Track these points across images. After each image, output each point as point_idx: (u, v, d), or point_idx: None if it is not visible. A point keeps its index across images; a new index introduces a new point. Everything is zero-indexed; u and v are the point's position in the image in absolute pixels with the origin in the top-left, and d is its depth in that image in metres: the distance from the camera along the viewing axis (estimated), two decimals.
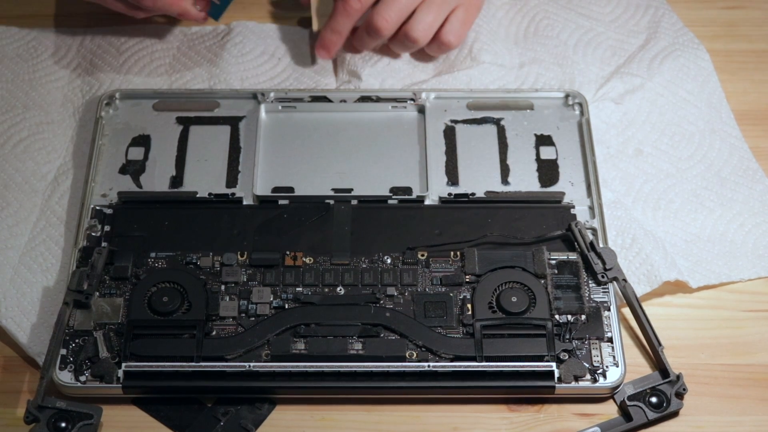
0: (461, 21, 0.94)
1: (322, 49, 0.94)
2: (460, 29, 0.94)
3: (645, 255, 0.83)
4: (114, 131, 0.90)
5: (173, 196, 0.86)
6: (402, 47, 0.95)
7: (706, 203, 0.88)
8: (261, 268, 0.82)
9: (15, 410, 0.77)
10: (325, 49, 0.94)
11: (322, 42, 0.94)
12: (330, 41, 0.94)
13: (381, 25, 0.91)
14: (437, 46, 0.95)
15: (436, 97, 0.93)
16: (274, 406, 0.78)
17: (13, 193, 0.88)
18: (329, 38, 0.93)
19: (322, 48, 0.94)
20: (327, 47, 0.94)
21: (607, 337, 0.79)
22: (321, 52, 0.94)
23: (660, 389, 0.77)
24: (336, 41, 0.94)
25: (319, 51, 0.94)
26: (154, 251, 0.82)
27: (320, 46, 0.94)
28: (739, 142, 0.92)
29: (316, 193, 0.86)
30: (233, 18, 1.01)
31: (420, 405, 0.78)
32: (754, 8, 1.03)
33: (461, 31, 0.94)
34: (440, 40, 0.94)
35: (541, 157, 0.89)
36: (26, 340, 0.80)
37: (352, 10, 0.92)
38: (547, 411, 0.78)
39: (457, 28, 0.94)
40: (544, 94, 0.93)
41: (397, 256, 0.82)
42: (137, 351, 0.77)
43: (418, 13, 0.92)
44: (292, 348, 0.78)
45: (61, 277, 0.83)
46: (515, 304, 0.79)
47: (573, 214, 0.85)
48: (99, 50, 0.97)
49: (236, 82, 0.95)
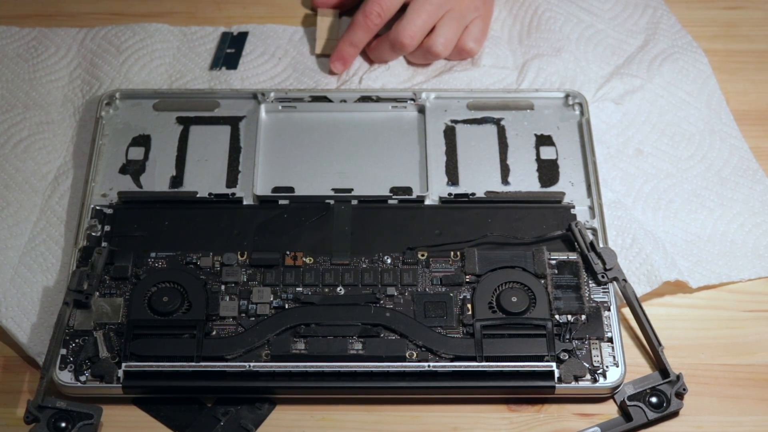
0: (480, 29, 0.96)
1: (338, 61, 0.95)
2: (480, 36, 0.96)
3: (645, 255, 0.83)
4: (114, 131, 0.90)
5: (173, 196, 0.86)
6: (423, 59, 0.96)
7: (706, 203, 0.88)
8: (261, 268, 0.82)
9: (15, 410, 0.77)
10: (341, 61, 0.95)
11: (340, 54, 0.95)
12: (347, 53, 0.95)
13: (406, 41, 0.92)
14: (457, 53, 0.96)
15: (436, 97, 0.93)
16: (274, 406, 0.78)
17: (13, 193, 0.88)
18: (347, 51, 0.95)
19: (339, 60, 0.95)
20: (344, 59, 0.95)
21: (607, 337, 0.79)
22: (337, 65, 0.95)
23: (660, 389, 0.77)
24: (353, 54, 0.95)
25: (335, 63, 0.95)
26: (154, 251, 0.82)
27: (336, 59, 0.95)
28: (739, 143, 0.92)
29: (316, 193, 0.86)
30: (233, 18, 1.01)
31: (420, 405, 0.78)
32: (754, 8, 1.03)
33: (481, 37, 0.96)
34: (461, 48, 0.95)
35: (541, 157, 0.89)
36: (26, 340, 0.80)
37: (373, 25, 0.93)
38: (547, 411, 0.78)
39: (478, 36, 0.95)
40: (544, 94, 0.93)
41: (397, 256, 0.82)
42: (137, 351, 0.77)
43: (439, 28, 0.94)
44: (292, 348, 0.78)
45: (61, 277, 0.83)
46: (515, 304, 0.79)
47: (573, 214, 0.85)
48: (99, 50, 0.97)
49: (236, 82, 0.95)
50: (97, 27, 0.99)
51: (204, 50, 0.98)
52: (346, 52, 0.95)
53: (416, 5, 0.93)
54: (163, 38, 0.98)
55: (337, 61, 0.95)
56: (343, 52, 0.95)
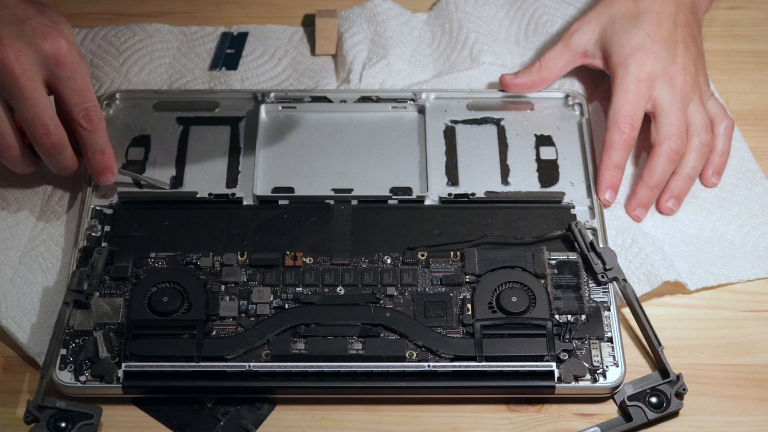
0: (714, 99, 0.92)
1: (609, 189, 0.86)
2: (719, 103, 0.92)
3: (645, 255, 0.83)
4: (114, 131, 0.90)
5: (173, 196, 0.86)
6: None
7: (705, 204, 0.88)
8: (261, 268, 0.82)
9: (15, 410, 0.77)
10: (612, 189, 0.86)
11: (611, 182, 0.86)
12: (616, 178, 0.86)
13: (679, 145, 0.86)
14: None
15: (436, 98, 0.93)
16: (274, 406, 0.78)
17: (13, 193, 0.88)
18: (613, 175, 0.86)
19: (610, 188, 0.86)
20: (614, 186, 0.86)
21: (607, 337, 0.79)
22: (611, 194, 0.86)
23: (660, 389, 0.77)
24: (620, 176, 0.86)
25: (606, 191, 0.86)
26: (154, 251, 0.82)
27: (607, 187, 0.86)
28: (739, 143, 0.92)
29: (316, 193, 0.86)
30: (233, 18, 1.01)
31: (420, 405, 0.78)
32: (754, 8, 1.03)
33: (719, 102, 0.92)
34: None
35: (541, 157, 0.89)
36: (26, 340, 0.80)
37: (630, 139, 0.86)
38: (547, 411, 0.78)
39: (719, 105, 0.91)
40: (544, 94, 0.93)
41: (397, 256, 0.82)
42: (137, 351, 0.77)
43: (691, 117, 0.88)
44: (292, 348, 0.78)
45: (61, 277, 0.83)
46: (515, 304, 0.79)
47: (573, 214, 0.85)
48: (99, 50, 0.97)
49: (236, 82, 0.95)
50: (97, 27, 0.99)
51: (204, 50, 0.98)
52: (614, 177, 0.86)
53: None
54: (163, 38, 0.98)
55: (609, 189, 0.86)
56: (613, 178, 0.86)
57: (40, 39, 0.79)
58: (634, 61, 0.87)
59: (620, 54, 0.88)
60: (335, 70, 0.97)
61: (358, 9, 0.99)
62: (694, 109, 0.88)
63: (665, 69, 0.88)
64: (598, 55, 0.91)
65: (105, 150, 0.83)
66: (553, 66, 0.91)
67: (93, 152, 0.83)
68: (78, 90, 0.81)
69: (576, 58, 0.92)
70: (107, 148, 0.84)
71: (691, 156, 0.87)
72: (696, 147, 0.87)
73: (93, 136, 0.82)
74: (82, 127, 0.82)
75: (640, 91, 0.87)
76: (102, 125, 0.83)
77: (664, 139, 0.86)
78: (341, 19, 0.99)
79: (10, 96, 0.79)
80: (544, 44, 0.98)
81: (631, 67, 0.87)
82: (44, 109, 0.80)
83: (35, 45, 0.79)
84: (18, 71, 0.78)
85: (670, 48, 0.88)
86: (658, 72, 0.87)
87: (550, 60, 0.91)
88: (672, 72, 0.88)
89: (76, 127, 0.82)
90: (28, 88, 0.79)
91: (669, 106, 0.87)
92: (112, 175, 0.85)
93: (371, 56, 0.96)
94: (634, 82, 0.87)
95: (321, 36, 0.98)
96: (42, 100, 0.79)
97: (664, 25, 0.89)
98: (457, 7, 1.00)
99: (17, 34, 0.79)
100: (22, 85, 0.79)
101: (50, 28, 0.80)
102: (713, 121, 0.90)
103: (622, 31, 0.89)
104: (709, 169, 0.89)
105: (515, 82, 0.92)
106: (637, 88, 0.87)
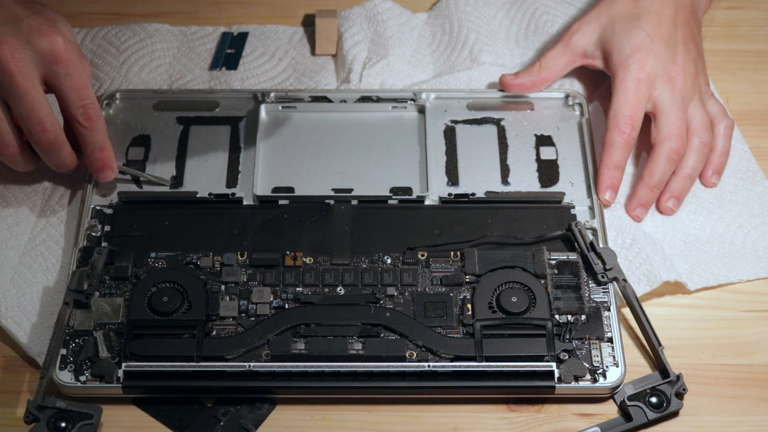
0: (714, 99, 0.91)
1: (609, 189, 0.86)
2: (719, 103, 0.91)
3: (645, 255, 0.83)
4: (114, 131, 0.90)
5: (173, 196, 0.86)
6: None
7: (705, 204, 0.88)
8: (261, 268, 0.82)
9: (15, 410, 0.77)
10: (612, 189, 0.86)
11: (611, 182, 0.86)
12: (616, 178, 0.86)
13: (680, 145, 0.86)
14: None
15: (436, 98, 0.93)
16: (274, 406, 0.78)
17: (13, 193, 0.88)
18: (613, 175, 0.86)
19: (610, 188, 0.86)
20: (614, 186, 0.86)
21: (607, 337, 0.79)
22: (611, 194, 0.86)
23: (660, 389, 0.77)
24: (620, 176, 0.86)
25: (606, 192, 0.86)
26: (154, 251, 0.82)
27: (607, 187, 0.86)
28: (739, 143, 0.92)
29: (316, 193, 0.86)
30: (233, 18, 1.01)
31: (420, 405, 0.78)
32: (754, 8, 1.03)
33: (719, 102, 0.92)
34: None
35: (541, 157, 0.89)
36: (26, 340, 0.80)
37: (631, 139, 0.86)
38: (547, 411, 0.78)
39: (718, 105, 0.91)
40: (544, 94, 0.93)
41: (397, 256, 0.82)
42: (137, 351, 0.77)
43: (691, 117, 0.88)
44: (292, 348, 0.78)
45: (61, 277, 0.83)
46: (515, 304, 0.79)
47: (573, 214, 0.85)
48: (99, 50, 0.97)
49: (236, 82, 0.95)
50: (97, 27, 0.99)
51: (204, 50, 0.98)
52: (614, 177, 0.86)
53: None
54: (163, 38, 0.98)
55: (609, 190, 0.86)
56: (613, 178, 0.86)
57: (37, 36, 0.80)
58: (634, 62, 0.87)
59: (620, 54, 0.88)
60: (335, 70, 0.97)
61: (358, 9, 0.99)
62: (694, 109, 0.88)
63: (665, 69, 0.88)
64: (598, 55, 0.91)
65: (104, 147, 0.84)
66: (553, 66, 0.91)
67: (92, 149, 0.83)
68: (76, 87, 0.81)
69: (576, 59, 0.92)
70: (106, 145, 0.84)
71: (691, 156, 0.87)
72: (696, 147, 0.87)
73: (92, 134, 0.83)
74: (81, 124, 0.82)
75: (641, 91, 0.87)
76: (101, 122, 0.83)
77: (664, 139, 0.86)
78: (341, 19, 0.99)
79: (6, 93, 0.79)
80: (544, 44, 0.98)
81: (631, 68, 0.87)
82: (40, 106, 0.80)
83: (32, 42, 0.79)
84: (14, 68, 0.79)
85: (670, 48, 0.88)
86: (658, 72, 0.87)
87: (550, 60, 0.91)
88: (672, 72, 0.88)
89: (75, 124, 0.82)
90: (24, 86, 0.79)
91: (669, 106, 0.87)
92: (111, 172, 0.85)
93: (371, 56, 0.96)
94: (634, 83, 0.87)
95: (321, 36, 0.98)
96: (38, 97, 0.80)
97: (664, 25, 0.89)
98: (457, 7, 1.00)
99: (13, 33, 0.79)
100: (18, 83, 0.79)
101: (47, 26, 0.80)
102: (713, 121, 0.90)
103: (622, 32, 0.89)
104: (709, 169, 0.89)
105: (515, 83, 0.92)
106: (638, 88, 0.87)
